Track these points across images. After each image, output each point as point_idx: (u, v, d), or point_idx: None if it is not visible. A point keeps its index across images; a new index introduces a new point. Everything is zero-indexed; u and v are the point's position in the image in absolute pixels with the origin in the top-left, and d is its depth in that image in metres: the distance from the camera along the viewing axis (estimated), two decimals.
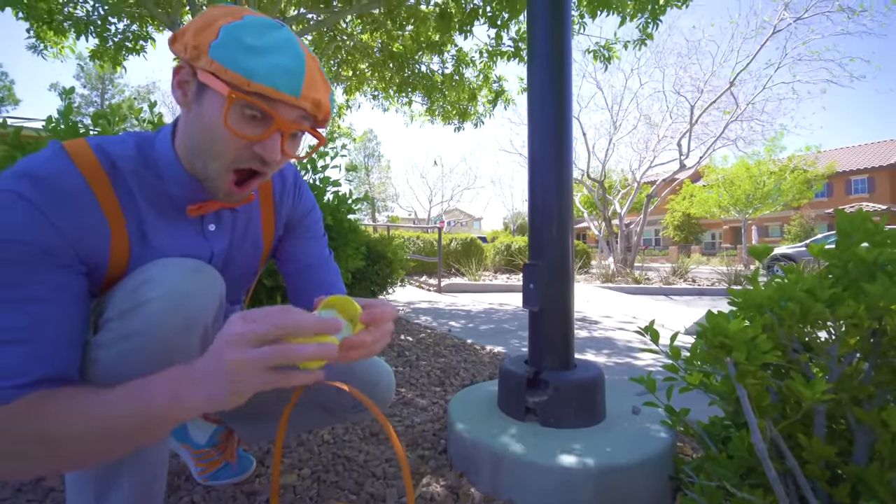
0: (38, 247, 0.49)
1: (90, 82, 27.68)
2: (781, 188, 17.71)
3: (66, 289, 0.52)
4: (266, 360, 0.42)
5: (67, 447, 0.46)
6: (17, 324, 0.48)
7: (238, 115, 0.54)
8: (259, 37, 0.52)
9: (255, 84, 0.51)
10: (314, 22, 4.87)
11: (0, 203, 0.49)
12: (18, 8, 4.11)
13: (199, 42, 0.52)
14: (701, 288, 6.70)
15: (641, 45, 4.58)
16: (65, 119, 1.41)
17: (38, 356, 0.48)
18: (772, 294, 0.75)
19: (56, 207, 0.51)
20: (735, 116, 10.00)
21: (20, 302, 0.48)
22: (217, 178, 0.59)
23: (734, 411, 0.82)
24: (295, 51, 0.54)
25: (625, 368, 2.26)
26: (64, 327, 0.51)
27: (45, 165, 0.52)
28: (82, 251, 0.54)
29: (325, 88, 0.60)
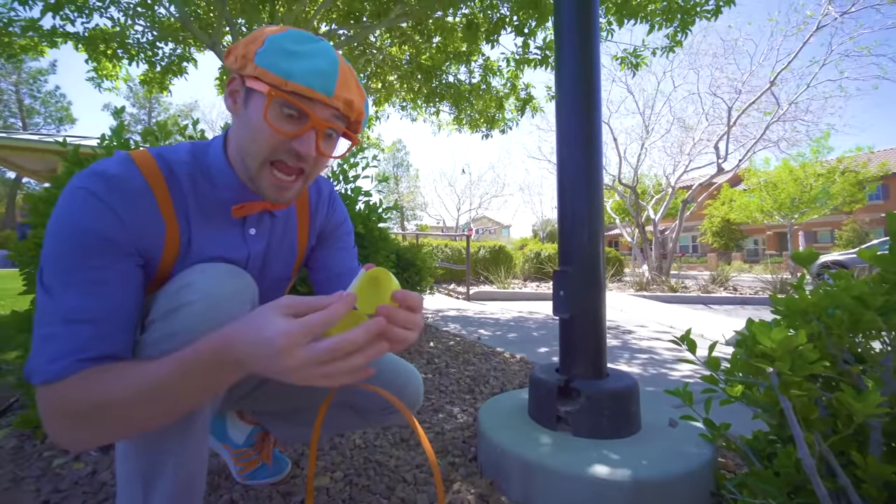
0: (105, 236, 0.55)
1: (138, 102, 29.60)
2: (830, 191, 16.72)
3: (128, 276, 0.58)
4: (319, 358, 0.46)
5: (125, 411, 0.51)
6: (86, 304, 0.53)
7: (277, 113, 0.59)
8: (298, 44, 0.58)
9: (292, 84, 0.57)
10: (345, 37, 5.02)
11: (75, 198, 0.55)
12: (78, 41, 4.46)
13: (248, 51, 0.59)
14: (743, 297, 6.38)
15: (670, 52, 4.49)
16: (117, 137, 1.51)
17: (102, 335, 0.53)
18: (818, 301, 0.71)
19: (121, 203, 0.57)
20: (776, 117, 9.56)
21: (89, 284, 0.54)
22: (258, 174, 0.63)
23: (778, 425, 0.78)
24: (330, 56, 0.60)
25: (661, 379, 2.18)
26: (125, 311, 0.57)
27: (114, 168, 0.59)
28: (141, 244, 0.60)
29: (359, 93, 0.64)
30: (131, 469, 0.62)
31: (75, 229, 0.54)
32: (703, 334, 3.34)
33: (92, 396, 0.50)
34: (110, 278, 0.56)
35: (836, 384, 0.74)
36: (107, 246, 0.55)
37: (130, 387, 0.51)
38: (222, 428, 1.07)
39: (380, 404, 0.87)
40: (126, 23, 4.54)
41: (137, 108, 29.86)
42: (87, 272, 0.54)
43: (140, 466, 0.62)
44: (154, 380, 0.51)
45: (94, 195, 0.56)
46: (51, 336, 0.52)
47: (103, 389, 0.51)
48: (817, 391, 0.66)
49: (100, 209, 0.55)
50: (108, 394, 0.50)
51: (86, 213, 0.55)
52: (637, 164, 10.81)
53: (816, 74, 9.39)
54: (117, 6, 4.42)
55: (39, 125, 25.64)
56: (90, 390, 0.51)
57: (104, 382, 0.51)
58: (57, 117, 26.51)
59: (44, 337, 0.52)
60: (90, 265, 0.54)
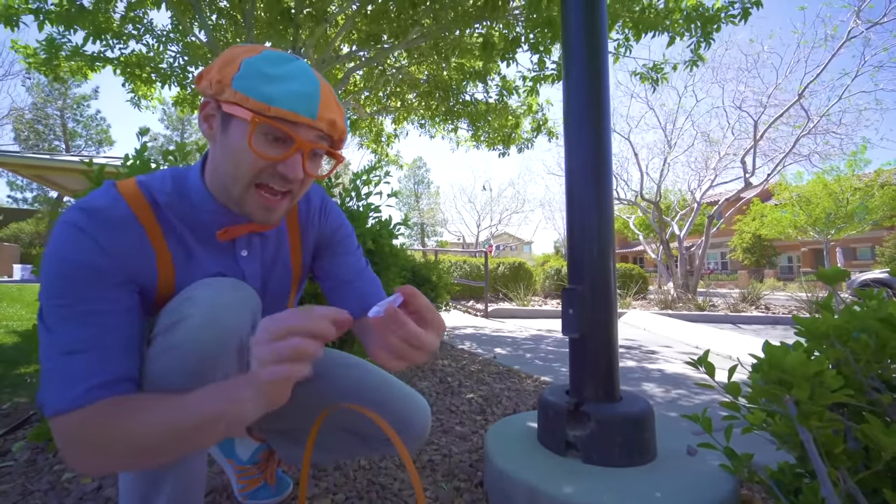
0: (91, 266, 0.56)
1: (172, 124, 31.13)
2: (868, 206, 15.97)
3: (120, 302, 0.58)
4: (281, 352, 0.47)
5: (149, 445, 0.51)
6: (82, 335, 0.54)
7: (261, 138, 0.58)
8: (276, 66, 0.57)
9: (275, 108, 0.56)
10: (365, 58, 5.16)
11: (60, 233, 0.57)
12: (116, 66, 4.75)
13: (223, 76, 0.58)
14: (775, 316, 6.09)
15: (693, 66, 4.39)
16: (139, 157, 1.57)
17: (104, 360, 0.54)
18: (843, 323, 0.66)
19: (103, 233, 0.58)
20: (806, 130, 9.26)
21: (83, 315, 0.54)
22: (243, 198, 0.63)
23: (801, 457, 0.72)
24: (309, 77, 0.59)
25: (683, 404, 2.08)
26: (123, 335, 0.57)
27: (98, 200, 0.60)
28: (131, 272, 0.60)
29: (339, 111, 0.64)
30: (131, 485, 0.65)
31: (62, 263, 0.55)
32: (730, 356, 3.19)
33: (115, 431, 0.51)
34: (103, 308, 0.56)
35: (864, 414, 0.68)
36: (94, 276, 0.56)
37: (156, 424, 0.52)
38: (230, 442, 1.07)
39: (384, 434, 0.85)
40: (159, 48, 4.80)
41: (171, 130, 31.37)
42: (80, 304, 0.55)
43: (139, 484, 0.64)
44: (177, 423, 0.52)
45: (76, 227, 0.57)
46: (54, 369, 0.53)
47: (125, 424, 0.52)
48: (842, 422, 0.60)
49: (82, 241, 0.56)
50: (130, 429, 0.51)
51: (70, 246, 0.56)
52: (660, 179, 10.61)
53: (848, 86, 9.09)
54: (152, 34, 4.69)
55: (81, 147, 27.18)
56: (112, 425, 0.51)
57: (125, 418, 0.52)
58: (97, 140, 28.07)
59: (49, 371, 0.53)
60: (81, 297, 0.55)
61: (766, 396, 0.63)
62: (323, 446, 0.88)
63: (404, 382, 0.92)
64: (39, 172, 9.50)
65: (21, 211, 23.95)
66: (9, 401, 1.76)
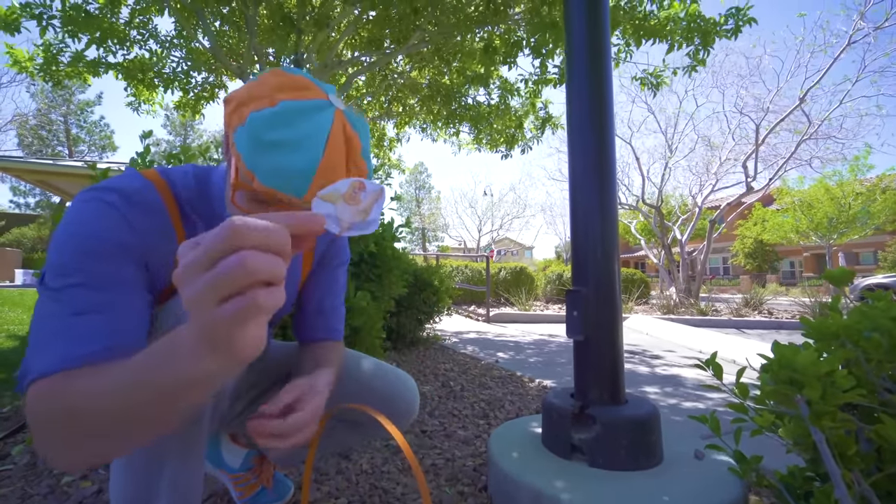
0: (119, 242, 0.55)
1: (175, 130, 31.32)
2: (871, 210, 15.92)
3: (138, 281, 0.58)
4: (215, 285, 0.30)
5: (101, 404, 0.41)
6: (96, 298, 0.52)
7: (244, 196, 0.55)
8: (280, 130, 0.50)
9: (258, 183, 0.50)
10: (367, 63, 5.19)
11: (93, 208, 0.56)
12: (118, 71, 4.78)
13: (232, 121, 0.53)
14: (779, 321, 6.06)
15: (692, 71, 4.43)
16: (142, 160, 1.57)
17: (115, 326, 0.52)
18: (853, 324, 0.65)
19: (137, 215, 0.58)
20: (807, 135, 9.26)
21: (101, 282, 0.53)
22: None
23: (812, 460, 0.71)
24: (313, 147, 0.50)
25: (688, 408, 2.06)
26: (136, 308, 0.56)
27: (130, 183, 0.60)
28: (152, 255, 0.60)
29: (351, 176, 0.55)
30: (124, 491, 0.61)
31: (89, 235, 0.54)
32: (734, 360, 3.16)
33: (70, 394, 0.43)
34: (121, 279, 0.55)
35: (877, 415, 0.67)
36: (119, 251, 0.55)
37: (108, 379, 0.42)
38: (217, 453, 1.04)
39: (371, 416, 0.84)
40: (163, 54, 4.83)
41: (174, 136, 31.54)
42: (99, 273, 0.53)
43: (133, 489, 0.61)
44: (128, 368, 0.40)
45: (109, 205, 0.56)
46: (57, 331, 0.49)
47: (81, 385, 0.43)
48: (854, 422, 0.59)
49: (115, 217, 0.56)
50: (84, 390, 0.43)
51: (100, 220, 0.55)
52: (661, 183, 10.61)
53: (849, 91, 9.10)
54: (156, 39, 4.72)
55: (84, 153, 27.33)
56: (73, 387, 0.44)
57: (85, 378, 0.44)
58: (100, 145, 28.23)
59: (52, 330, 0.49)
60: (102, 268, 0.53)
61: (777, 397, 0.62)
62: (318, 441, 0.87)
63: None
64: (42, 177, 9.55)
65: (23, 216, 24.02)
66: (9, 404, 1.75)
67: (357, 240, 1.76)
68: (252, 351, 0.33)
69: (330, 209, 0.41)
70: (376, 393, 0.83)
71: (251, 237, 0.30)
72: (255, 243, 0.30)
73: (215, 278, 0.29)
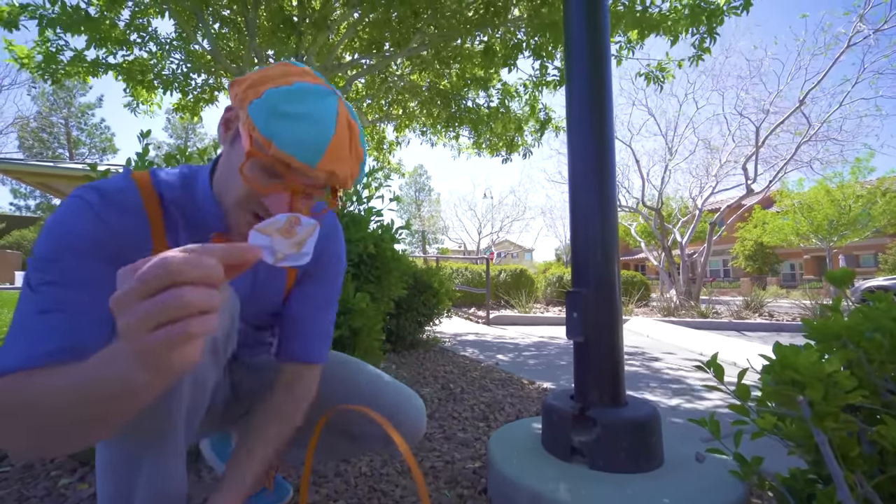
0: (91, 239, 0.57)
1: (175, 132, 31.42)
2: (871, 213, 15.91)
3: (108, 278, 0.53)
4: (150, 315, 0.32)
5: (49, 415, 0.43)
6: (62, 296, 0.53)
7: (256, 166, 0.57)
8: (294, 104, 0.54)
9: (275, 149, 0.54)
10: (367, 66, 5.20)
11: (69, 206, 0.58)
12: (118, 72, 4.79)
13: (246, 96, 0.56)
14: (779, 323, 6.04)
15: (698, 60, 4.34)
16: (141, 160, 1.57)
17: (74, 324, 0.53)
18: (855, 325, 0.64)
19: (112, 214, 0.59)
20: (807, 137, 9.27)
21: (70, 279, 0.54)
22: (230, 213, 0.62)
23: (815, 462, 0.70)
24: (324, 123, 0.55)
25: (688, 410, 2.05)
26: (102, 306, 0.51)
27: (113, 183, 0.62)
28: (123, 255, 0.56)
29: (350, 160, 0.60)
30: (106, 488, 0.64)
31: (65, 233, 0.56)
32: (735, 362, 3.15)
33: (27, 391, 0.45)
34: (91, 276, 0.56)
35: (879, 417, 0.66)
36: (91, 247, 0.56)
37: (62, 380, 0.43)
38: (226, 447, 1.06)
39: (379, 433, 0.83)
40: (162, 55, 4.84)
41: (175, 139, 31.62)
42: (69, 269, 0.55)
43: (113, 486, 0.63)
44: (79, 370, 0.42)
45: (86, 203, 0.58)
46: (22, 329, 0.51)
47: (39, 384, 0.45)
48: (856, 424, 0.59)
49: (89, 215, 0.57)
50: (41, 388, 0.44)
51: (77, 218, 0.57)
52: (661, 186, 10.61)
53: (849, 93, 9.11)
54: (155, 42, 4.73)
55: (85, 155, 27.38)
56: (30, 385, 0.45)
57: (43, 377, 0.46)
58: (101, 148, 28.29)
59: (17, 326, 0.52)
60: (71, 264, 0.55)
61: (779, 398, 0.62)
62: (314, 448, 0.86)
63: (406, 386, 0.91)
64: (43, 180, 9.57)
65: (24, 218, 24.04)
66: None
67: (357, 241, 1.75)
68: (183, 367, 0.35)
69: (266, 241, 0.45)
70: (385, 407, 0.81)
71: (186, 273, 0.33)
72: (190, 279, 0.33)
73: (151, 308, 0.32)
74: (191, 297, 0.32)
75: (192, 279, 0.33)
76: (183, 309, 0.32)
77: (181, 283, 0.33)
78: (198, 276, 0.33)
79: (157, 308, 0.32)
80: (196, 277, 0.33)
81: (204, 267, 0.34)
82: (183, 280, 0.32)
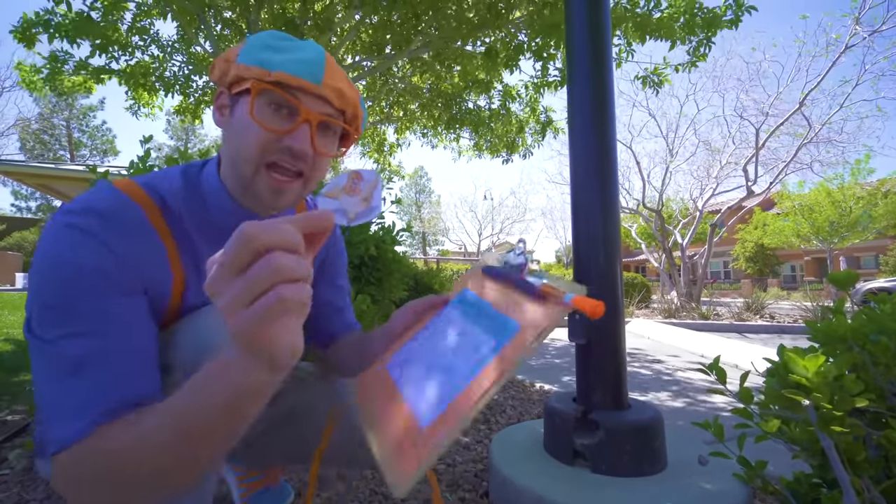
0: (102, 274, 0.49)
1: (176, 134, 31.51)
2: (872, 214, 15.90)
3: (133, 313, 0.51)
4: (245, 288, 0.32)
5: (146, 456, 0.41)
6: (95, 348, 0.46)
7: (264, 108, 0.55)
8: (281, 40, 0.56)
9: (276, 73, 0.53)
10: (368, 68, 5.20)
11: (61, 237, 0.49)
12: (121, 77, 4.81)
13: (229, 54, 0.57)
14: (781, 325, 6.03)
15: (692, 66, 4.45)
16: (142, 163, 1.57)
17: (123, 376, 0.47)
18: (860, 327, 0.64)
19: (118, 238, 0.51)
20: (808, 139, 9.27)
21: (95, 326, 0.47)
22: (253, 181, 0.57)
23: (820, 466, 0.69)
24: (315, 48, 0.57)
25: (691, 413, 2.04)
26: (141, 348, 0.50)
27: (105, 201, 0.53)
28: (144, 279, 0.54)
29: (352, 88, 0.60)
30: None
31: (66, 269, 0.48)
32: (737, 364, 3.15)
33: (108, 449, 0.42)
34: (117, 316, 0.49)
35: (886, 421, 0.66)
36: (104, 283, 0.49)
37: (151, 426, 0.42)
38: None
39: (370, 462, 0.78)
40: (164, 58, 4.86)
41: (175, 141, 31.70)
42: (90, 314, 0.47)
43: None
44: (172, 408, 0.41)
45: (83, 231, 0.49)
46: (59, 395, 0.44)
47: (119, 438, 0.42)
48: (863, 428, 0.58)
49: (91, 244, 0.49)
50: (126, 441, 0.42)
51: (76, 250, 0.48)
52: (662, 187, 10.61)
53: (849, 95, 9.12)
54: (157, 44, 4.75)
55: (86, 157, 27.43)
56: (106, 444, 0.42)
57: (121, 436, 0.43)
58: (102, 149, 28.34)
59: (52, 397, 0.45)
60: (92, 307, 0.47)
61: (783, 402, 0.61)
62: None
63: None
64: (44, 181, 9.58)
65: (25, 220, 24.08)
66: (7, 409, 1.74)
67: (357, 243, 1.75)
68: (286, 352, 0.34)
69: (335, 204, 0.44)
70: None
71: (267, 238, 0.32)
72: (273, 243, 0.32)
73: (245, 282, 0.32)
74: (278, 261, 0.32)
75: (274, 244, 0.32)
76: (274, 274, 0.32)
77: (265, 250, 0.32)
78: (281, 242, 0.32)
79: (248, 281, 0.32)
80: (279, 242, 0.32)
81: (284, 231, 0.33)
82: (267, 245, 0.32)
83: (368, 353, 0.67)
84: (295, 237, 0.34)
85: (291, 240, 0.33)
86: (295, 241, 0.34)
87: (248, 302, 0.32)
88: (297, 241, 0.34)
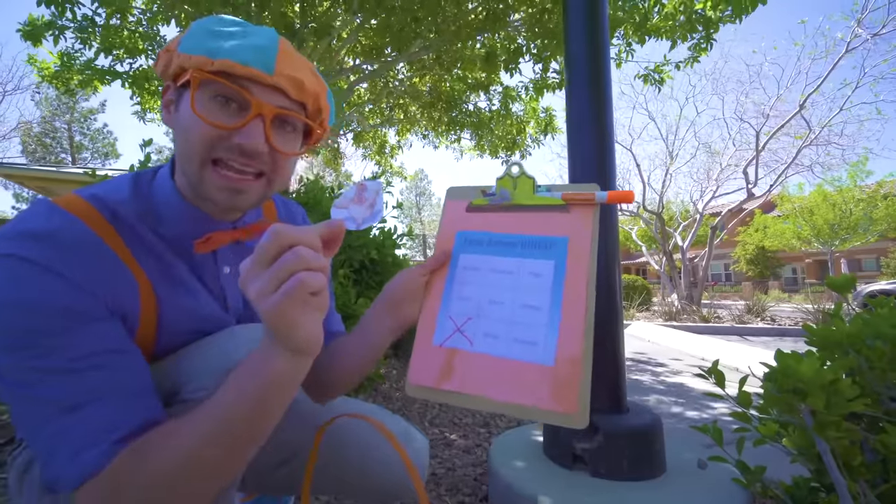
0: (63, 310, 0.43)
1: None
2: (873, 216, 15.90)
3: (114, 338, 0.47)
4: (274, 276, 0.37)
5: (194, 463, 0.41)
6: (81, 386, 0.42)
7: (209, 102, 0.48)
8: (229, 25, 0.50)
9: (218, 61, 0.47)
10: (369, 71, 5.23)
11: (10, 273, 0.42)
12: (126, 80, 4.85)
13: (172, 43, 0.50)
14: (782, 328, 6.02)
15: (694, 62, 4.47)
16: (143, 167, 1.58)
17: (121, 407, 0.43)
18: (855, 331, 0.64)
19: (68, 262, 0.44)
20: (808, 141, 9.28)
21: (72, 364, 0.43)
22: (201, 181, 0.51)
23: (817, 470, 0.70)
24: (268, 34, 0.50)
25: (691, 417, 2.04)
26: (131, 374, 0.46)
27: (44, 222, 0.45)
28: (111, 301, 0.47)
29: (314, 79, 0.54)
30: None
31: (20, 310, 0.42)
32: (738, 367, 3.14)
33: (150, 467, 0.41)
34: (96, 349, 0.44)
35: (881, 425, 0.66)
36: (70, 318, 0.43)
37: (193, 434, 0.41)
38: None
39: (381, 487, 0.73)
40: None
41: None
42: (61, 353, 0.42)
43: None
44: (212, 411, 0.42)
45: (26, 261, 0.42)
46: (58, 433, 0.41)
47: (161, 454, 0.41)
48: (859, 432, 0.58)
49: (39, 277, 0.42)
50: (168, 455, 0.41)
51: (23, 286, 0.42)
52: (662, 190, 10.63)
53: (850, 97, 9.14)
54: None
55: (87, 160, 27.50)
56: (146, 463, 0.41)
57: (157, 447, 0.42)
58: (103, 153, 28.42)
59: (50, 438, 0.41)
60: (61, 345, 0.42)
61: (781, 406, 0.62)
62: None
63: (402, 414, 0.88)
64: (45, 184, 9.62)
65: None
66: (5, 412, 1.74)
67: (359, 247, 1.76)
68: (308, 337, 0.40)
69: (345, 213, 0.49)
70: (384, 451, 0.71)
71: (293, 236, 0.38)
72: (297, 240, 0.38)
73: (272, 271, 0.37)
74: (303, 252, 0.37)
75: (300, 241, 0.38)
76: (298, 262, 0.37)
77: (290, 246, 0.38)
78: (304, 240, 0.38)
79: (275, 269, 0.37)
80: (302, 240, 0.38)
81: (307, 232, 0.39)
82: (293, 242, 0.38)
83: (344, 355, 0.65)
84: (315, 239, 0.40)
85: (313, 240, 0.39)
86: (316, 242, 0.40)
87: (274, 288, 0.37)
88: (318, 242, 0.40)
